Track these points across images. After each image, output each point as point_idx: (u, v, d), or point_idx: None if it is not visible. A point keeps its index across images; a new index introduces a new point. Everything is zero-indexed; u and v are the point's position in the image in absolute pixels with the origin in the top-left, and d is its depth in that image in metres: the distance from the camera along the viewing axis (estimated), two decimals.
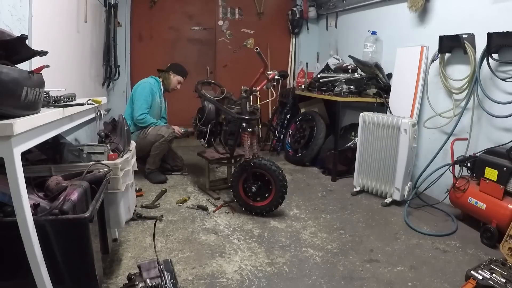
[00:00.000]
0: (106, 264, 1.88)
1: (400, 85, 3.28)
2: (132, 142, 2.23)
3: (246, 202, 2.65)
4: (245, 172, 2.60)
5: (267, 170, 2.55)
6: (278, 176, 2.53)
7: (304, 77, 4.46)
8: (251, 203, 2.64)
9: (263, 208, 2.61)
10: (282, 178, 2.54)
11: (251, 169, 2.57)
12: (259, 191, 2.60)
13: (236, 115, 2.73)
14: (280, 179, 2.53)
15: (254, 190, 2.58)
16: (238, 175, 2.64)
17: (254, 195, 2.61)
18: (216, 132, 3.19)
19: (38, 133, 1.25)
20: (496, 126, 2.50)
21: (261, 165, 2.55)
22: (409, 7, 3.14)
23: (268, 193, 2.61)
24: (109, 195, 1.77)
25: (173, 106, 4.19)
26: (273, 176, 2.54)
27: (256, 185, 2.59)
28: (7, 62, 1.15)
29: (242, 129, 2.66)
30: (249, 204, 2.64)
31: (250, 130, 2.66)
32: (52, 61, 1.50)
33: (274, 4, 5.06)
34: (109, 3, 3.91)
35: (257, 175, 2.62)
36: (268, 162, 2.56)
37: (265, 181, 2.61)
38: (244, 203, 2.66)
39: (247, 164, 2.58)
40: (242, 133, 2.67)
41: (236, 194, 2.67)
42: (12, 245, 1.16)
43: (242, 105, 2.73)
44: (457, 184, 2.49)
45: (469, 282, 1.67)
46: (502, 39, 2.30)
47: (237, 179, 2.65)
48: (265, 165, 2.54)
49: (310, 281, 1.84)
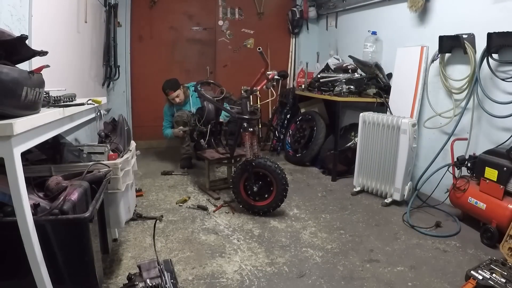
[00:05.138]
0: (106, 264, 1.88)
1: (400, 85, 3.28)
2: (132, 142, 2.23)
3: (246, 200, 2.65)
4: (247, 172, 2.60)
5: (271, 171, 2.56)
6: (281, 179, 2.53)
7: (304, 77, 4.47)
8: (251, 202, 2.64)
9: (262, 208, 2.62)
10: (284, 181, 2.54)
11: (252, 169, 2.58)
12: (260, 191, 2.61)
13: (237, 115, 2.73)
14: (283, 182, 2.54)
15: (256, 189, 2.59)
16: (240, 173, 2.65)
17: (254, 195, 2.62)
18: (216, 132, 3.19)
19: (38, 133, 1.24)
20: (496, 126, 2.50)
21: (266, 166, 2.56)
22: (409, 7, 3.14)
23: (268, 194, 2.61)
24: (109, 195, 1.77)
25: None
26: (276, 178, 2.55)
27: (258, 185, 2.60)
28: (7, 62, 1.15)
29: (243, 129, 2.66)
30: (248, 203, 2.65)
31: (251, 130, 2.66)
32: (52, 61, 1.50)
33: (274, 4, 5.05)
34: (109, 3, 3.90)
35: (260, 175, 2.63)
36: (273, 164, 2.56)
37: (266, 181, 2.62)
38: (243, 201, 2.67)
39: (248, 164, 2.58)
40: (243, 133, 2.67)
41: (237, 191, 2.67)
42: (12, 245, 1.16)
43: (243, 105, 2.73)
44: (457, 184, 2.49)
45: (469, 282, 1.67)
46: (502, 39, 2.30)
47: (239, 178, 2.65)
48: (270, 166, 2.55)
49: (310, 281, 1.84)
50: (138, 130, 4.61)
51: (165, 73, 4.63)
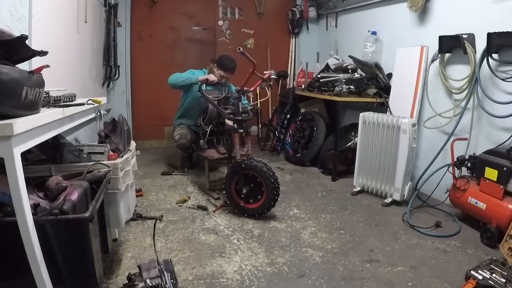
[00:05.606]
0: (106, 264, 1.88)
1: (400, 85, 3.28)
2: (132, 142, 2.23)
3: (238, 203, 2.60)
4: (237, 174, 2.56)
5: (258, 171, 2.48)
6: (270, 178, 2.45)
7: (304, 77, 4.46)
8: (242, 204, 2.59)
9: (255, 210, 2.55)
10: (273, 180, 2.45)
11: (242, 171, 2.53)
12: (251, 193, 2.55)
13: (228, 116, 2.70)
14: (272, 181, 2.45)
15: (245, 191, 2.53)
16: (231, 176, 2.60)
17: (246, 197, 2.57)
18: (218, 132, 3.19)
19: (38, 133, 1.24)
20: (496, 126, 2.50)
21: (252, 166, 2.49)
22: (409, 7, 3.14)
23: (260, 195, 2.55)
24: (109, 195, 1.77)
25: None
26: (264, 178, 2.47)
27: (248, 187, 2.54)
28: (7, 62, 1.15)
29: (232, 130, 2.64)
30: (240, 206, 2.60)
31: (241, 131, 2.63)
32: (52, 61, 1.49)
33: (274, 4, 5.05)
34: (109, 3, 3.90)
35: (249, 177, 2.56)
36: (259, 164, 2.48)
37: (257, 183, 2.55)
38: (236, 205, 2.62)
39: (237, 166, 2.54)
40: (233, 134, 2.65)
41: (229, 196, 2.62)
42: (12, 245, 1.16)
43: (235, 106, 2.71)
44: (457, 184, 2.49)
45: (469, 282, 1.67)
46: (502, 39, 2.30)
47: (230, 181, 2.60)
48: (256, 166, 2.47)
49: (310, 281, 1.84)
50: (138, 130, 4.61)
51: (165, 73, 4.63)
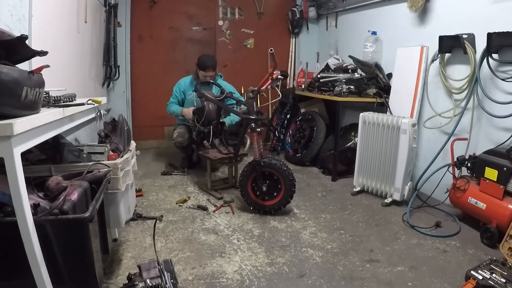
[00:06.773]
0: (106, 264, 1.88)
1: (400, 85, 3.28)
2: (132, 142, 2.23)
3: (255, 201, 2.67)
4: (255, 172, 2.62)
5: (277, 169, 2.58)
6: (288, 176, 2.57)
7: (304, 77, 4.46)
8: (260, 202, 2.66)
9: (272, 207, 2.64)
10: (291, 177, 2.58)
11: (261, 169, 2.60)
12: (268, 190, 2.63)
13: (244, 116, 2.74)
14: (290, 178, 2.57)
15: (265, 189, 2.61)
16: (247, 174, 2.66)
17: (262, 194, 2.64)
18: (217, 132, 3.19)
19: (38, 133, 1.24)
20: (496, 126, 2.50)
21: (271, 164, 2.59)
22: (409, 7, 3.14)
23: (277, 192, 2.63)
24: (109, 195, 1.77)
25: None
26: (283, 175, 2.58)
27: (266, 184, 2.62)
28: (7, 62, 1.15)
29: (250, 129, 2.67)
30: (258, 203, 2.66)
31: (258, 130, 2.68)
32: (52, 61, 1.49)
33: (274, 4, 5.05)
34: (109, 3, 3.90)
35: (266, 174, 2.64)
36: (278, 162, 2.60)
37: (273, 180, 2.64)
38: (252, 202, 2.67)
39: (257, 164, 2.60)
40: (251, 134, 2.68)
41: (245, 193, 2.68)
42: (12, 245, 1.16)
43: (249, 106, 2.74)
44: (457, 184, 2.49)
45: (469, 282, 1.67)
46: (502, 39, 2.30)
47: (246, 179, 2.67)
48: (275, 164, 2.58)
49: (310, 281, 1.84)
50: (138, 130, 4.61)
51: (165, 73, 4.65)
